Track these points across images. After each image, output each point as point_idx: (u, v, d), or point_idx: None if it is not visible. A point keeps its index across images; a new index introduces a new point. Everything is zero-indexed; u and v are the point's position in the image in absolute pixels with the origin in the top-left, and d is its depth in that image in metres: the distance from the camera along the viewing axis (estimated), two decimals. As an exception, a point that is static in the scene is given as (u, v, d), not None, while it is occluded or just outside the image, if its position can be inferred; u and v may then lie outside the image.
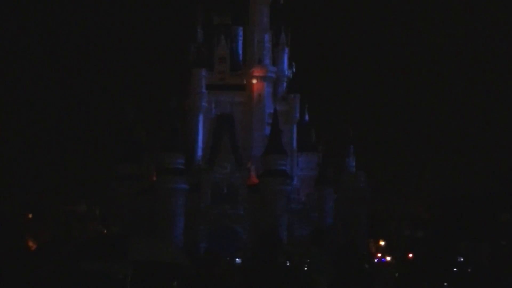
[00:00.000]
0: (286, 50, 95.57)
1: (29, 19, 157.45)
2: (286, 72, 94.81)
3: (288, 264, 70.87)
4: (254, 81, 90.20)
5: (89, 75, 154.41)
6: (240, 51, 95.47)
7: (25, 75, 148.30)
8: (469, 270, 64.62)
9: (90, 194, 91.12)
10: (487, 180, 70.88)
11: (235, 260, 75.78)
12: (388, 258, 75.22)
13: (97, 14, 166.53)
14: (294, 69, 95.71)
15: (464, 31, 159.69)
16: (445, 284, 62.33)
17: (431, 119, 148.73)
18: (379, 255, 79.98)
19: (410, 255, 71.21)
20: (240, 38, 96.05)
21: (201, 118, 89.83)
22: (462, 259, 67.32)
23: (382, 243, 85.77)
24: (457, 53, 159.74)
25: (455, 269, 65.46)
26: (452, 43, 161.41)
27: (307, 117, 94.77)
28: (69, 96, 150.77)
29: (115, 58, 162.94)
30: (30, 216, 76.16)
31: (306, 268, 70.57)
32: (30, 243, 61.01)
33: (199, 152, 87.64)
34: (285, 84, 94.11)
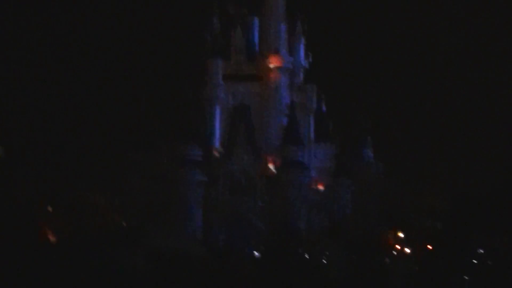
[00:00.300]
0: (303, 39, 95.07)
1: (53, 10, 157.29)
2: (303, 62, 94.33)
3: (306, 256, 70.62)
4: (271, 71, 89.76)
5: (106, 63, 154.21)
6: (257, 41, 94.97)
7: (44, 66, 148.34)
8: (489, 262, 64.11)
9: (108, 185, 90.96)
10: (509, 171, 70.22)
11: (253, 252, 75.58)
12: (407, 250, 74.74)
13: (114, 1, 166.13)
14: (310, 59, 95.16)
15: (485, 27, 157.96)
16: (465, 276, 61.88)
17: (451, 109, 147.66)
18: (397, 246, 79.48)
19: (429, 247, 70.66)
20: (257, 28, 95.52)
21: (217, 108, 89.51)
22: (482, 251, 66.73)
23: (400, 234, 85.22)
24: (484, 44, 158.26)
25: (475, 261, 64.97)
26: (478, 37, 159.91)
27: (324, 108, 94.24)
28: (87, 84, 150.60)
29: (132, 47, 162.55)
30: (49, 208, 76.10)
31: (324, 260, 70.32)
32: (49, 236, 60.98)
33: (216, 143, 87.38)
34: (301, 74, 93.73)
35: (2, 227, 43.39)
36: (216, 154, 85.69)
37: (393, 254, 74.51)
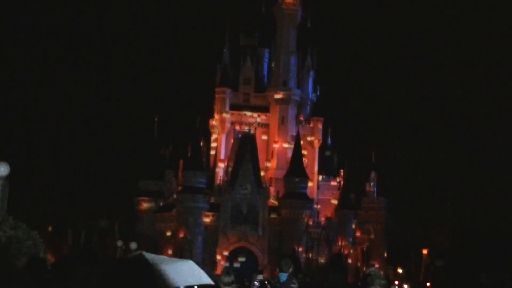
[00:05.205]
0: (312, 73, 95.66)
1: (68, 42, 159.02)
2: (311, 95, 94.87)
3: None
4: (278, 103, 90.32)
5: (115, 92, 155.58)
6: (266, 73, 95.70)
7: (54, 93, 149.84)
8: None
9: (111, 209, 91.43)
10: (510, 211, 70.37)
11: (252, 282, 75.47)
12: (406, 286, 74.71)
13: (125, 33, 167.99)
14: (318, 93, 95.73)
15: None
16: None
17: (456, 148, 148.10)
18: (396, 282, 79.29)
19: (428, 284, 70.62)
20: (266, 60, 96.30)
21: (224, 137, 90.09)
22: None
23: (400, 270, 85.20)
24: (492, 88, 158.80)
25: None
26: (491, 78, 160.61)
27: (330, 141, 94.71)
28: (95, 111, 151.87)
29: (142, 76, 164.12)
30: (50, 229, 76.47)
31: (323, 292, 70.19)
32: (49, 256, 61.24)
33: (221, 172, 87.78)
34: (309, 107, 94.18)
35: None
36: (220, 182, 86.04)
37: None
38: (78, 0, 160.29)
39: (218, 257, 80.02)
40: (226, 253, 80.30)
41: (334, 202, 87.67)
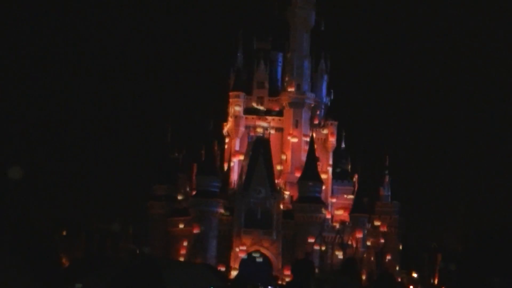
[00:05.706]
0: (325, 77, 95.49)
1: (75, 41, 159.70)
2: (324, 99, 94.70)
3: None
4: (292, 106, 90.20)
5: (128, 96, 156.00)
6: (279, 77, 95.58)
7: (61, 96, 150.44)
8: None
9: (124, 213, 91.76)
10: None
11: (266, 286, 75.44)
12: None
13: (139, 37, 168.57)
14: (332, 96, 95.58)
15: None
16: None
17: (469, 152, 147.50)
18: (411, 287, 79.24)
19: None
20: (280, 64, 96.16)
21: (237, 141, 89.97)
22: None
23: (414, 274, 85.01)
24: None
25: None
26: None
27: (343, 145, 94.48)
28: (108, 116, 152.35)
29: (155, 80, 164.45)
30: (64, 233, 76.89)
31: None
32: (63, 260, 61.52)
33: (235, 176, 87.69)
34: (323, 111, 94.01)
35: (17, 247, 44.03)
36: (234, 186, 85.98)
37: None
38: (93, 3, 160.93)
39: (237, 249, 79.92)
40: (243, 247, 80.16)
41: (348, 205, 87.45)
